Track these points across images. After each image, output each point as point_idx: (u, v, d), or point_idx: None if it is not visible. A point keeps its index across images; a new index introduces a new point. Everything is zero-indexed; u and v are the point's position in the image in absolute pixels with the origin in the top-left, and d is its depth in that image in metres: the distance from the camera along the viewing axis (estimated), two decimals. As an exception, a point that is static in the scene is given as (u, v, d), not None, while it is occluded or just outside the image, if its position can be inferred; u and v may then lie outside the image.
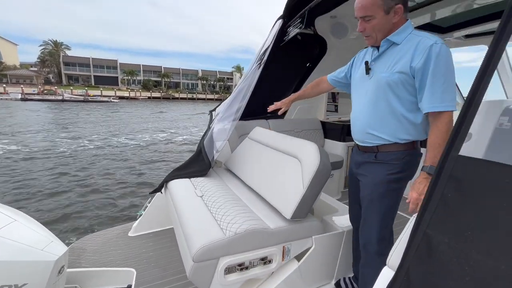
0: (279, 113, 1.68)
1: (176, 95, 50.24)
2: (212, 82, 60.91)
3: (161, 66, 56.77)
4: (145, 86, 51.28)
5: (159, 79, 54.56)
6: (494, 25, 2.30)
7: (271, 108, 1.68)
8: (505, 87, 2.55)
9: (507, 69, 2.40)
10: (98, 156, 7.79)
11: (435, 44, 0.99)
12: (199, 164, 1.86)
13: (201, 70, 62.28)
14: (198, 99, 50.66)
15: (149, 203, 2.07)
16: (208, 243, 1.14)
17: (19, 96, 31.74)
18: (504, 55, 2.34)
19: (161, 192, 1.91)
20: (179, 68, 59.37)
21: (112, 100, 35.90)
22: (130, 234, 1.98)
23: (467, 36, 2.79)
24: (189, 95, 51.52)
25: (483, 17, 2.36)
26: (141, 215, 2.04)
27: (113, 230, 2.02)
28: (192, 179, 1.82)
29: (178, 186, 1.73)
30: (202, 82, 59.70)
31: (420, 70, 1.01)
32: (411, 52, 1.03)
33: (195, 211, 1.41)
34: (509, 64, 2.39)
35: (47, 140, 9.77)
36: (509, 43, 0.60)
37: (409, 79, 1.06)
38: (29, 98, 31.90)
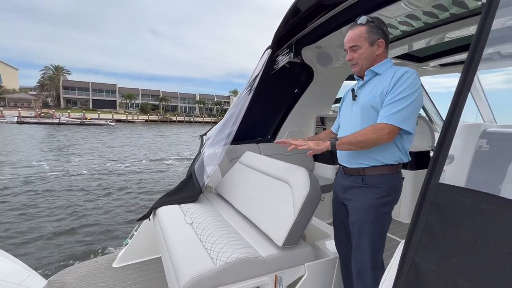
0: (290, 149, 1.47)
1: (174, 118, 50.68)
2: (209, 106, 61.97)
3: (159, 90, 57.86)
4: (143, 109, 51.76)
5: (157, 102, 55.35)
6: (465, 55, 2.49)
7: (279, 141, 1.46)
8: (481, 111, 2.68)
9: (480, 95, 2.55)
10: (80, 181, 7.34)
11: (407, 72, 1.14)
12: (189, 189, 1.82)
13: (199, 94, 63.46)
14: (195, 122, 51.17)
15: (136, 231, 1.97)
16: (197, 274, 1.08)
17: (15, 119, 31.42)
18: (477, 82, 2.49)
19: (149, 219, 1.83)
20: (177, 92, 60.50)
21: (109, 123, 35.81)
22: (115, 265, 1.84)
23: (442, 65, 3.00)
24: (187, 118, 52.01)
25: (454, 49, 2.56)
26: (127, 243, 1.93)
27: (96, 261, 1.88)
28: (182, 205, 1.76)
29: (167, 212, 1.67)
30: (200, 105, 60.66)
31: (390, 90, 1.14)
32: (389, 80, 1.16)
33: (184, 240, 1.35)
34: (482, 91, 2.54)
35: (29, 163, 9.33)
36: (480, 71, 0.65)
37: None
38: (25, 121, 31.60)
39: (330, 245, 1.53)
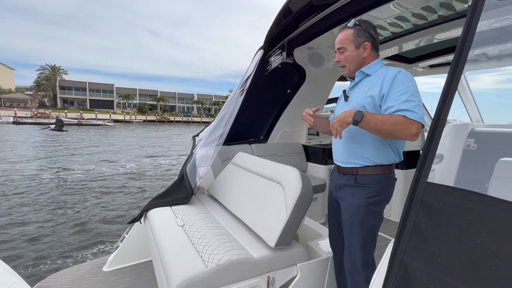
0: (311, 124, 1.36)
1: (171, 118, 50.12)
2: (207, 106, 61.34)
3: (157, 90, 57.11)
4: (141, 109, 51.09)
5: (155, 102, 54.67)
6: (453, 56, 2.49)
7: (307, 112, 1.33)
8: (468, 111, 2.70)
9: (468, 96, 2.56)
10: (70, 183, 6.95)
11: (400, 72, 1.11)
12: (181, 191, 1.77)
13: (197, 94, 62.74)
14: (193, 122, 50.67)
15: (127, 234, 1.91)
16: (189, 277, 1.04)
17: (11, 119, 30.71)
18: (464, 82, 2.50)
19: (140, 222, 1.78)
20: (175, 92, 59.75)
21: (107, 124, 35.22)
22: (105, 269, 1.79)
23: (431, 66, 3.00)
24: (185, 118, 51.44)
25: (443, 50, 2.57)
26: (118, 247, 1.87)
27: (86, 265, 1.82)
28: (173, 207, 1.72)
29: (158, 215, 1.62)
30: (198, 105, 60.04)
31: (387, 91, 1.09)
32: (381, 81, 1.13)
33: (175, 242, 1.31)
34: (469, 91, 2.56)
35: (20, 164, 8.98)
36: (468, 72, 0.64)
37: (378, 104, 1.13)
38: (21, 121, 30.91)
39: (323, 245, 1.51)
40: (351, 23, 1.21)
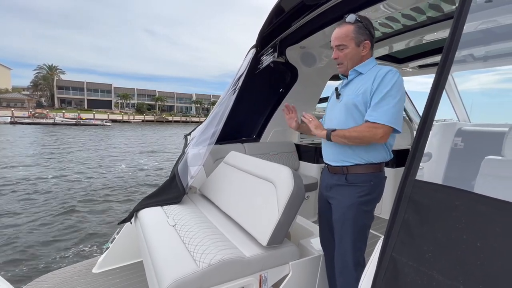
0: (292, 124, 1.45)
1: (170, 118, 49.61)
2: (206, 106, 60.63)
3: (155, 90, 56.35)
4: (139, 109, 50.44)
5: (153, 102, 54.02)
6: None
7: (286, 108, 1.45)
8: (456, 111, 2.71)
9: (456, 96, 2.57)
10: (61, 184, 6.70)
11: (390, 71, 1.10)
12: (172, 190, 1.72)
13: (195, 94, 62.00)
14: (192, 122, 50.23)
15: (117, 234, 1.85)
16: (180, 277, 1.01)
17: (9, 120, 29.99)
18: (452, 83, 2.51)
19: (131, 222, 1.73)
20: (174, 92, 58.99)
21: (105, 124, 34.67)
22: (95, 270, 1.73)
23: (420, 67, 3.01)
24: (183, 118, 50.91)
25: (432, 50, 2.57)
26: (108, 248, 1.81)
27: (75, 267, 1.76)
28: (164, 207, 1.66)
29: (149, 215, 1.57)
30: (196, 105, 59.44)
31: (375, 89, 1.10)
32: (372, 79, 1.12)
33: (167, 242, 1.27)
34: (457, 91, 2.57)
35: (13, 165, 8.64)
36: (456, 72, 0.63)
37: (368, 101, 1.12)
38: (19, 121, 30.22)
39: (315, 243, 1.49)
40: (351, 18, 1.12)
